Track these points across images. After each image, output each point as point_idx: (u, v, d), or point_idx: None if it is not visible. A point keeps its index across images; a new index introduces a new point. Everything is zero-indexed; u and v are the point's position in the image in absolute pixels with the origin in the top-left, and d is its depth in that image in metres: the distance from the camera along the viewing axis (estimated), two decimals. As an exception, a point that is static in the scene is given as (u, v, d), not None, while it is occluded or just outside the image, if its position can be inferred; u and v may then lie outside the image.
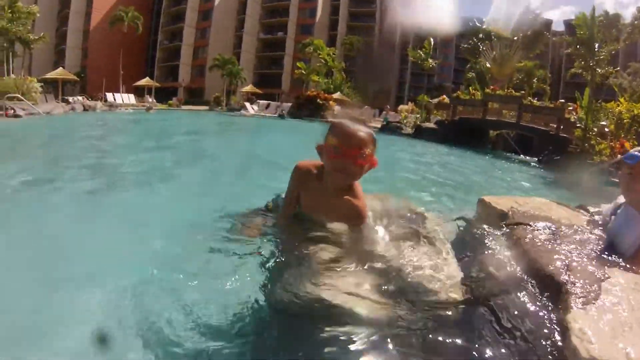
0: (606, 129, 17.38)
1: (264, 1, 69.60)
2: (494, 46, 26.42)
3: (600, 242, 1.84)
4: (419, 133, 20.46)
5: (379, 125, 25.33)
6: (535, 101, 21.51)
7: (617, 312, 1.19)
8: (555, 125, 18.95)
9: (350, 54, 56.15)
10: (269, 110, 33.84)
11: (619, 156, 13.91)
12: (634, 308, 1.21)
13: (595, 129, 17.83)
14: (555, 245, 1.67)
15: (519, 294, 1.40)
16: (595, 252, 1.70)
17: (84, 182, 4.57)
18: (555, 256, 1.53)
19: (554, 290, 1.34)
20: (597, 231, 1.99)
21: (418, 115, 25.42)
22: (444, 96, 30.21)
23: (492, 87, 22.13)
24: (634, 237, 1.78)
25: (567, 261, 1.49)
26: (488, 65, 25.89)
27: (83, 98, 30.28)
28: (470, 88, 25.37)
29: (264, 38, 69.34)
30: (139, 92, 41.60)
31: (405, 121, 24.72)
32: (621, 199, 2.11)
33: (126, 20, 47.14)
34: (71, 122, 16.94)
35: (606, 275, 1.39)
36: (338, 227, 1.78)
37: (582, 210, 2.47)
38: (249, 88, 45.67)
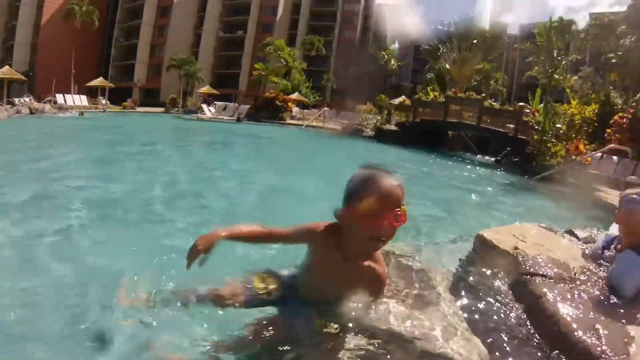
0: (560, 131, 17.83)
1: (226, -3, 67.98)
2: (455, 48, 26.77)
3: (605, 287, 2.00)
4: (380, 135, 20.38)
5: (338, 127, 25.03)
6: (495, 104, 21.80)
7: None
8: (513, 127, 19.30)
9: (310, 54, 55.64)
10: (226, 112, 32.86)
11: (575, 157, 14.32)
12: None
13: (551, 132, 18.25)
14: (577, 304, 1.74)
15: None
16: (612, 305, 1.84)
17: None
18: (583, 323, 1.61)
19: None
20: (601, 273, 2.16)
21: (379, 117, 25.18)
22: (405, 97, 30.27)
23: (454, 89, 22.35)
24: (636, 281, 1.94)
25: (595, 326, 1.58)
26: (448, 66, 26.17)
27: (30, 100, 28.29)
28: (429, 89, 25.55)
29: (223, 37, 67.72)
30: (92, 93, 39.39)
31: (365, 123, 24.39)
32: (612, 232, 2.46)
33: (79, 14, 44.46)
34: (13, 129, 15.41)
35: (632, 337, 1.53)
36: (353, 296, 1.61)
37: (573, 238, 2.82)
38: (206, 89, 44.20)
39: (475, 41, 27.52)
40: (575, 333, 1.54)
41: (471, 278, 2.08)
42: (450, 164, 14.63)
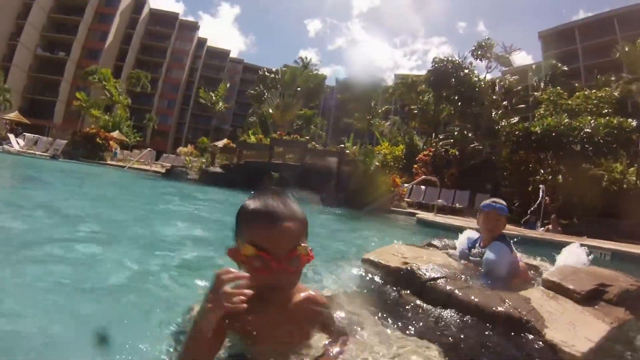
0: (372, 168, 20.06)
1: (53, 10, 58.40)
2: (278, 94, 27.96)
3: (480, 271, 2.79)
4: (206, 178, 19.59)
5: (163, 170, 23.70)
6: (318, 145, 23.00)
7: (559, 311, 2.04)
8: (335, 166, 20.63)
9: (135, 89, 51.62)
10: (39, 147, 28.23)
11: (393, 189, 16.56)
12: (565, 309, 2.07)
13: (372, 168, 20.32)
14: (478, 289, 2.27)
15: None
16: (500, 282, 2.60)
17: None
18: (494, 298, 2.09)
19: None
20: (472, 265, 2.96)
21: (204, 160, 24.50)
22: (228, 140, 30.32)
23: (279, 132, 22.89)
24: (504, 264, 2.73)
25: (502, 298, 2.07)
26: (271, 111, 27.02)
27: None
28: (250, 132, 25.96)
29: (42, 55, 57.56)
30: None
31: (190, 165, 23.50)
32: (472, 235, 3.22)
33: None
34: None
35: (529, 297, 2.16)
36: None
37: (432, 248, 3.50)
38: (14, 115, 35.93)
39: (299, 89, 29.20)
40: (495, 306, 1.96)
41: (385, 295, 2.36)
42: None
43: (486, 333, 1.85)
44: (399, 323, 1.91)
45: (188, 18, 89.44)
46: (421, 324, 1.96)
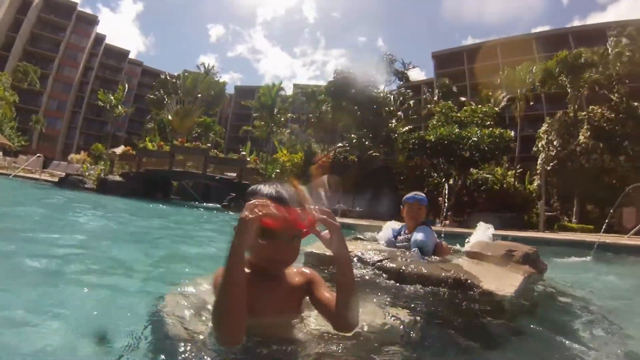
0: (273, 175, 21.00)
1: None
2: (178, 100, 27.66)
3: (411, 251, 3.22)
4: (104, 187, 18.90)
5: (54, 179, 22.25)
6: (220, 153, 23.39)
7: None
8: (236, 174, 21.18)
9: (22, 85, 46.53)
10: None
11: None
12: (489, 269, 2.78)
13: (273, 175, 21.36)
14: (421, 264, 2.73)
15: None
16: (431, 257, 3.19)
17: None
18: (440, 269, 2.60)
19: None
20: (400, 247, 3.49)
21: (102, 168, 23.53)
22: (126, 146, 29.38)
23: (180, 139, 22.83)
24: (432, 243, 3.30)
25: (448, 269, 2.56)
26: (170, 117, 26.65)
27: None
28: (147, 139, 25.36)
29: None
30: None
31: (87, 174, 22.38)
32: (394, 226, 3.86)
33: None
34: None
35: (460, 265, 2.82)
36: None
37: (359, 240, 4.00)
38: None
39: (199, 95, 29.03)
40: (440, 273, 2.47)
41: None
42: (187, 210, 14.90)
43: (437, 293, 2.32)
44: (364, 297, 2.09)
45: (86, 10, 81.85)
46: (385, 295, 2.27)
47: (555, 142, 23.75)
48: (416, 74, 41.79)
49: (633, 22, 36.33)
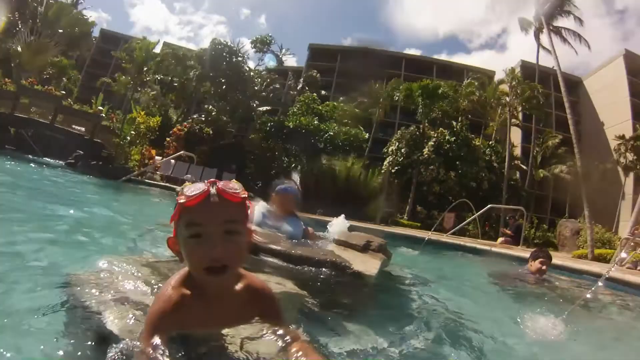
0: (128, 137, 19.69)
1: None
2: (35, 31, 23.68)
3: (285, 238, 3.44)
4: None
5: None
6: (75, 104, 21.16)
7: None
8: (85, 130, 19.40)
9: None
10: None
11: (148, 161, 16.96)
12: (355, 255, 3.26)
13: (129, 137, 19.92)
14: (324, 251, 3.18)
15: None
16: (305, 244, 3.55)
17: None
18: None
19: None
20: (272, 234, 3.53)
21: None
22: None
23: (30, 79, 19.76)
24: (300, 230, 3.78)
25: (320, 252, 3.06)
26: (19, 49, 22.66)
27: None
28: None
29: None
30: None
31: None
32: (262, 210, 3.76)
33: None
34: None
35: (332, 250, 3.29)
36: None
37: None
38: None
39: (61, 30, 25.30)
40: (320, 256, 2.85)
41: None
42: (22, 167, 11.97)
43: (319, 272, 2.73)
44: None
45: None
46: (276, 273, 2.59)
47: (402, 150, 27.29)
48: (290, 61, 42.88)
49: (486, 72, 43.89)
